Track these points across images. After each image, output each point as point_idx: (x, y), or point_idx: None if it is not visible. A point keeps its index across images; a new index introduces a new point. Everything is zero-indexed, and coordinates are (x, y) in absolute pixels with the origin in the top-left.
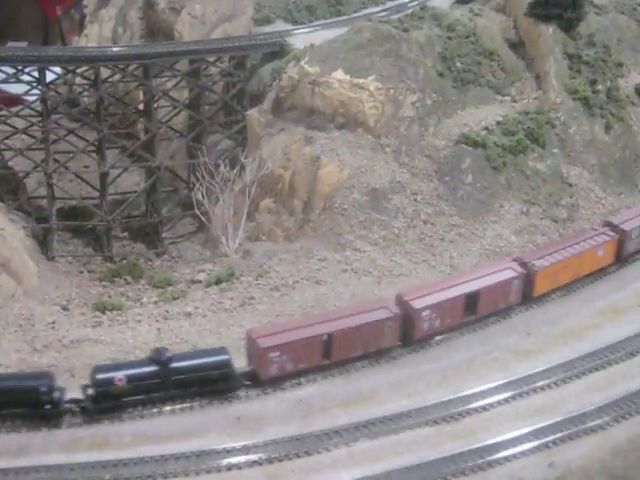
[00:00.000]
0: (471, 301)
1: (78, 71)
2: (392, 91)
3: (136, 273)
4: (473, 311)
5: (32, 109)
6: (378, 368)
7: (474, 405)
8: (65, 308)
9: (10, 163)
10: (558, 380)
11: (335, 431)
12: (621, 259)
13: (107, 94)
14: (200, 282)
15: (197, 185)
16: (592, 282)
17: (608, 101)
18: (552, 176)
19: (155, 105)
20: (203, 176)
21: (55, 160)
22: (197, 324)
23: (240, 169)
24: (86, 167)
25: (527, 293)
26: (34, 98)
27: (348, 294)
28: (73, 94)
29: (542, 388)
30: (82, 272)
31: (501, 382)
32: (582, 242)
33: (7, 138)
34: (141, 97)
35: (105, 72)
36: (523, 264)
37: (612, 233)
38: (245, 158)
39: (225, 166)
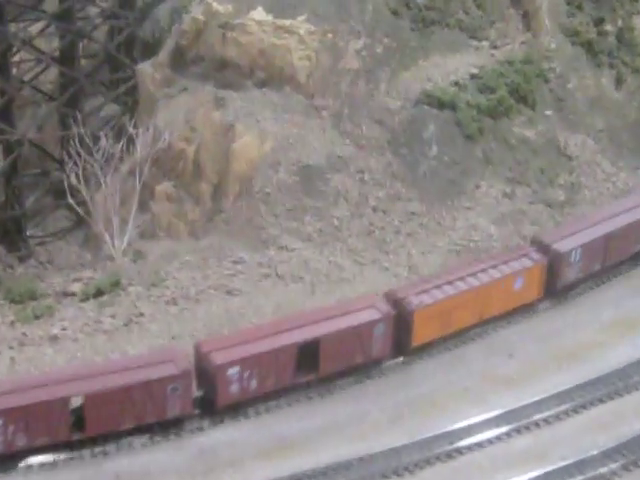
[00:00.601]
0: (308, 354)
1: None
2: (330, 35)
3: None
4: (312, 368)
5: None
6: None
7: (438, 451)
8: None
9: None
10: (550, 416)
11: None
12: (555, 292)
13: None
14: (74, 295)
15: (71, 165)
16: (599, 285)
17: (619, 46)
18: (545, 146)
19: (14, 58)
20: (79, 153)
21: None
22: (65, 351)
23: (128, 142)
24: None
25: (401, 342)
26: None
27: (270, 307)
28: None
29: (528, 427)
30: None
31: (474, 420)
32: (489, 270)
33: None
34: None
35: None
36: (395, 301)
37: (538, 256)
38: (135, 128)
39: (108, 139)
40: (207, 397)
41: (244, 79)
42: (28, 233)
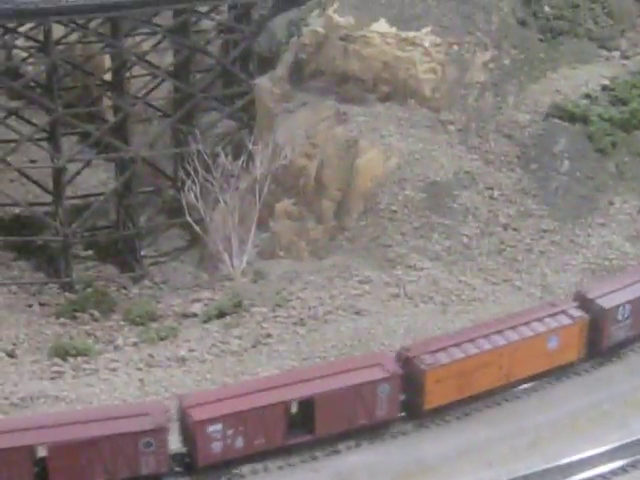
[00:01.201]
0: (301, 413)
1: (21, 30)
2: (456, 47)
3: (106, 306)
4: (307, 428)
5: None
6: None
7: (578, 477)
8: (11, 354)
9: None
10: None
11: None
12: (599, 353)
13: (62, 61)
14: (195, 316)
15: (188, 183)
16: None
17: None
18: None
19: (128, 74)
20: (196, 170)
21: None
22: (194, 372)
23: (247, 159)
24: (33, 162)
25: (412, 403)
26: None
27: (401, 328)
28: (14, 61)
29: None
30: (31, 305)
31: (616, 444)
32: (519, 327)
33: None
34: (108, 64)
35: (58, 30)
36: (406, 360)
37: (578, 312)
38: (254, 144)
39: (226, 156)
40: (190, 454)
41: (367, 93)
42: (142, 253)
